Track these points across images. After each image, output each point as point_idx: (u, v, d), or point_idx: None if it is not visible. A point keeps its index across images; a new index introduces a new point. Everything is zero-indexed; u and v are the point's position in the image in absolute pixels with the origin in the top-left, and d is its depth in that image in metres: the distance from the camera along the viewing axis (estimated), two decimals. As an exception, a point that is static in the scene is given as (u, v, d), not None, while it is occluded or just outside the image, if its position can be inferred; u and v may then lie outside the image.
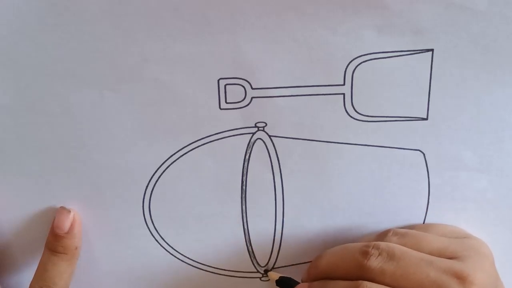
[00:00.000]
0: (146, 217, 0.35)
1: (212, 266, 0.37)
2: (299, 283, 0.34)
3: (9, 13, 0.30)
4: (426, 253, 0.30)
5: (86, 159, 0.33)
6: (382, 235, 0.33)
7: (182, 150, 0.34)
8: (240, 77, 0.32)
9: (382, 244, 0.30)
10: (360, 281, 0.29)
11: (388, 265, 0.29)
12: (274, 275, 0.36)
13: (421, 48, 0.31)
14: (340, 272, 0.31)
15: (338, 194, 0.35)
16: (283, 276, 0.36)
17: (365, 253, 0.30)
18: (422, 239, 0.32)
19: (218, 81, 0.32)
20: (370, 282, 0.29)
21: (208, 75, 0.32)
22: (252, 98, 0.32)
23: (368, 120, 0.33)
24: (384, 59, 0.32)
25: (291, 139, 0.34)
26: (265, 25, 0.31)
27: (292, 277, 0.36)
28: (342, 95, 0.32)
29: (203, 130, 0.33)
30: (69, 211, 0.34)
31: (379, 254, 0.30)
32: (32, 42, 0.31)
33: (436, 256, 0.30)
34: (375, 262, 0.30)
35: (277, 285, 0.36)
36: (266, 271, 0.37)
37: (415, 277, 0.29)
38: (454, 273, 0.29)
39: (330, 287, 0.31)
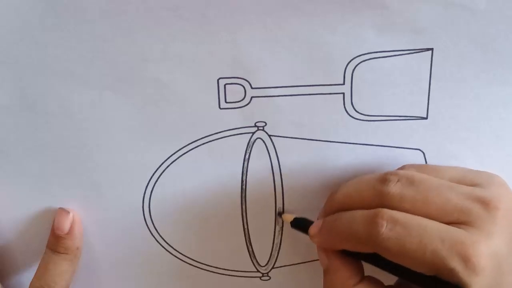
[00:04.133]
0: (146, 217, 0.35)
1: (212, 265, 0.37)
2: (312, 222, 0.32)
3: (9, 13, 0.30)
4: None
5: (86, 159, 0.33)
6: (399, 169, 0.32)
7: (182, 150, 0.34)
8: (239, 76, 0.32)
9: (401, 171, 0.29)
10: (379, 209, 0.28)
11: (408, 190, 0.28)
12: (288, 217, 0.34)
13: (421, 48, 0.31)
14: (356, 202, 0.29)
15: (338, 194, 0.35)
16: (298, 217, 0.34)
17: (384, 180, 0.29)
18: (440, 169, 0.31)
19: (218, 80, 0.32)
20: (389, 210, 0.28)
21: (208, 75, 0.32)
22: (251, 97, 0.32)
23: (368, 119, 0.33)
24: (383, 58, 0.32)
25: (291, 139, 0.34)
26: (265, 25, 0.31)
27: (307, 218, 0.34)
28: (342, 95, 0.32)
29: (203, 130, 0.33)
30: (68, 212, 0.34)
31: (398, 180, 0.28)
32: (32, 42, 0.31)
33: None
34: (394, 187, 0.28)
35: (292, 227, 0.34)
36: (280, 214, 0.35)
37: (436, 202, 0.28)
38: (477, 198, 0.28)
39: (345, 217, 0.29)
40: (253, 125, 0.33)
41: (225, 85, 0.32)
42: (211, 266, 0.37)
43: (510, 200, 0.29)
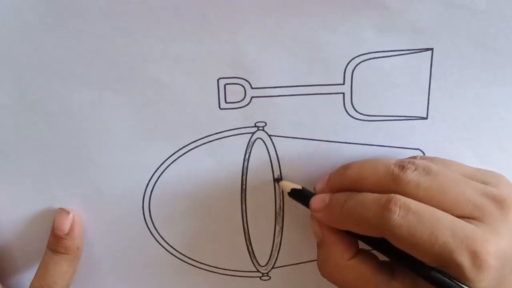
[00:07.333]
0: (146, 217, 0.35)
1: (212, 265, 0.37)
2: (313, 194, 0.32)
3: (9, 13, 0.30)
4: None
5: (86, 159, 0.33)
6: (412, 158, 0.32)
7: (182, 149, 0.34)
8: (239, 76, 0.32)
9: (419, 160, 0.29)
10: (393, 194, 0.27)
11: (424, 179, 0.28)
12: (286, 186, 0.34)
13: (421, 47, 0.31)
14: (369, 184, 0.29)
15: (338, 194, 0.35)
16: (295, 188, 0.33)
17: (402, 166, 0.29)
18: (451, 163, 0.31)
19: (218, 80, 0.32)
20: (403, 196, 0.27)
21: (208, 75, 0.32)
22: (251, 97, 0.32)
23: (368, 119, 0.33)
24: (383, 58, 0.32)
25: (291, 139, 0.34)
26: (265, 25, 0.31)
27: (306, 188, 0.33)
28: (342, 95, 0.32)
29: (203, 130, 0.33)
30: (68, 212, 0.34)
31: (415, 169, 0.28)
32: (32, 42, 0.31)
33: None
34: (411, 174, 0.28)
35: (290, 196, 0.33)
36: (277, 180, 0.34)
37: (451, 194, 0.28)
38: (491, 195, 0.28)
39: (357, 198, 0.29)
40: (253, 125, 0.33)
41: (225, 85, 0.32)
42: (211, 266, 0.37)
43: None
